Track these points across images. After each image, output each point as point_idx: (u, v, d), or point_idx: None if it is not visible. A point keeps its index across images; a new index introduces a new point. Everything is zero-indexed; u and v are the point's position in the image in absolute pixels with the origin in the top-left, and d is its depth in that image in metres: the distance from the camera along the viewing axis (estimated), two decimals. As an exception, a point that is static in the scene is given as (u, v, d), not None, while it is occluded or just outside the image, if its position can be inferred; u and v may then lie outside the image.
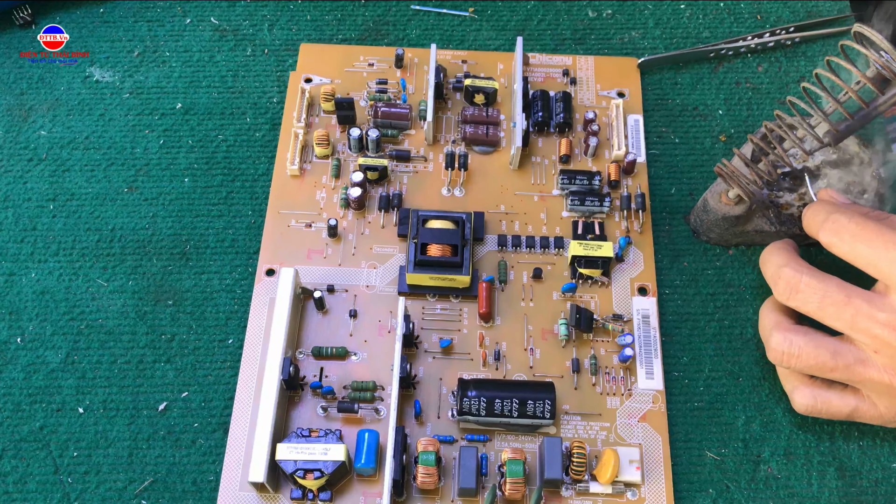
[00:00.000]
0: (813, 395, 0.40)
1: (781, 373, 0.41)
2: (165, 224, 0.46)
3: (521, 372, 0.42)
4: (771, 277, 0.40)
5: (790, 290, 0.39)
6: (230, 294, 0.45)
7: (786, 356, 0.39)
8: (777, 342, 0.39)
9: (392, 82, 0.50)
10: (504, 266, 0.45)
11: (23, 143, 0.49)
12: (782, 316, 0.40)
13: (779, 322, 0.40)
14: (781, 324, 0.40)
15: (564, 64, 0.52)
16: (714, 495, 0.40)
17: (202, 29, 0.53)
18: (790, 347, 0.39)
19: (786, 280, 0.39)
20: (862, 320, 0.37)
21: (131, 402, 0.42)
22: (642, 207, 0.46)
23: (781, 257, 0.40)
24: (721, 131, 0.50)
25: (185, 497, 0.40)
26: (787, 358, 0.39)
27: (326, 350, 0.42)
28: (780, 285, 0.39)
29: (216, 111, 0.50)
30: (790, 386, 0.41)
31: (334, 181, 0.47)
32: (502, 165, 0.48)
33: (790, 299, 0.39)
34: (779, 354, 0.39)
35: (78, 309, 0.44)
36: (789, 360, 0.39)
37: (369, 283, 0.44)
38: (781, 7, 0.55)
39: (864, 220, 0.38)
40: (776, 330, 0.39)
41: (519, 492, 0.38)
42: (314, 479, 0.37)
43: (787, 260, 0.39)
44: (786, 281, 0.39)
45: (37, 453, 0.40)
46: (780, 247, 0.41)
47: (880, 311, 0.36)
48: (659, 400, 0.42)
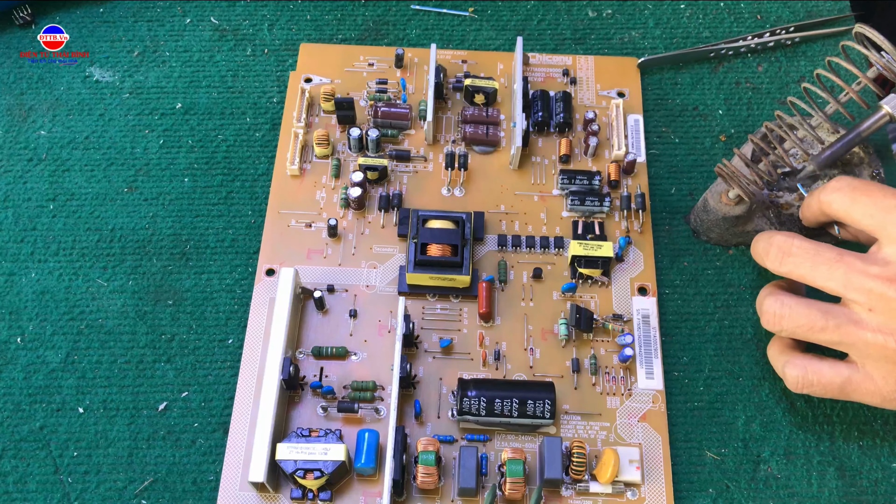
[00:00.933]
0: (804, 365, 0.39)
1: (772, 352, 0.41)
2: (165, 224, 0.46)
3: (521, 372, 0.42)
4: (763, 249, 0.40)
5: (782, 254, 0.39)
6: (230, 294, 0.45)
7: (776, 317, 0.38)
8: (769, 303, 0.39)
9: (392, 82, 0.50)
10: (504, 266, 0.45)
11: (23, 143, 0.49)
12: (777, 287, 0.40)
13: (772, 290, 0.40)
14: (774, 290, 0.40)
15: (564, 64, 0.52)
16: (714, 495, 0.40)
17: (202, 29, 0.53)
18: (781, 307, 0.38)
19: (777, 245, 0.39)
20: (855, 276, 0.36)
21: (131, 402, 0.42)
22: (642, 207, 0.46)
23: (771, 231, 0.40)
24: (721, 131, 0.50)
25: (185, 497, 0.40)
26: (777, 319, 0.38)
27: (326, 350, 0.42)
28: (773, 252, 0.39)
29: (216, 111, 0.50)
30: (781, 362, 0.40)
31: (334, 181, 0.47)
32: (502, 165, 0.48)
33: (783, 263, 0.39)
34: (770, 316, 0.39)
35: (78, 309, 0.44)
36: (780, 321, 0.38)
37: (369, 282, 0.44)
38: (781, 7, 0.55)
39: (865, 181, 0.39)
40: (769, 295, 0.39)
41: (519, 492, 0.38)
42: (314, 478, 0.37)
43: (777, 231, 0.40)
44: (777, 246, 0.39)
45: (37, 453, 0.40)
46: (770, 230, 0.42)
47: (873, 264, 0.36)
48: (659, 400, 0.42)
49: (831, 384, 0.38)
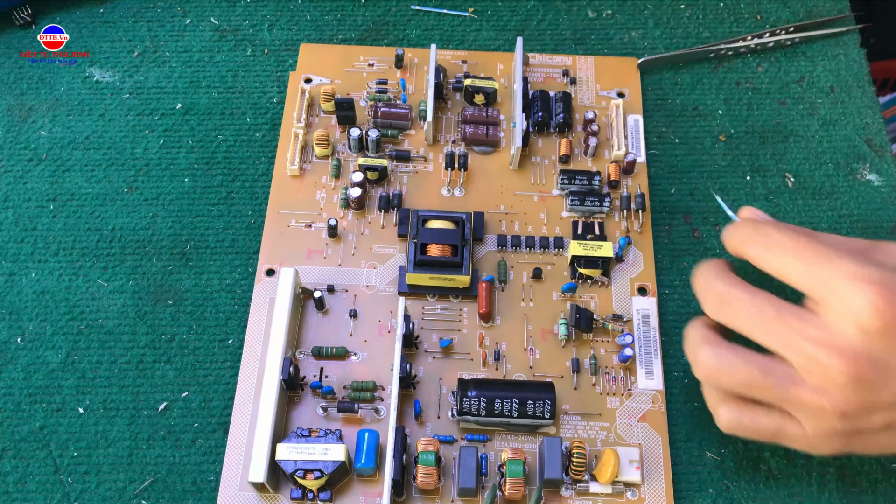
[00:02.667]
0: (740, 409, 0.37)
1: (706, 388, 0.39)
2: (165, 224, 0.46)
3: (521, 372, 0.42)
4: (700, 291, 0.38)
5: (720, 303, 0.37)
6: (230, 294, 0.45)
7: (714, 372, 0.36)
8: (706, 357, 0.37)
9: (392, 82, 0.50)
10: (504, 266, 0.45)
11: (23, 143, 0.49)
12: (711, 332, 0.38)
13: (707, 337, 0.37)
14: (710, 339, 0.37)
15: (564, 64, 0.52)
16: (714, 495, 0.40)
17: (202, 29, 0.53)
18: (720, 363, 0.36)
19: (715, 293, 0.37)
20: (794, 338, 0.34)
21: (131, 402, 0.42)
22: (642, 207, 0.46)
23: (712, 271, 0.38)
24: (721, 131, 0.50)
25: (185, 497, 0.40)
26: (716, 374, 0.36)
27: (326, 350, 0.42)
28: (710, 298, 0.37)
29: (216, 111, 0.50)
30: (714, 401, 0.38)
31: (334, 181, 0.47)
32: (502, 165, 0.48)
33: (720, 313, 0.37)
34: (707, 370, 0.37)
35: (78, 309, 0.44)
36: (718, 377, 0.36)
37: (369, 283, 0.44)
38: (781, 7, 0.55)
39: (796, 235, 0.36)
40: (705, 344, 0.37)
41: (519, 492, 0.38)
42: (314, 479, 0.38)
43: (718, 274, 0.38)
44: (715, 294, 0.37)
45: (37, 453, 0.40)
46: (713, 263, 0.39)
47: (812, 327, 0.34)
48: (659, 400, 0.42)
49: (765, 431, 0.37)
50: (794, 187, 0.48)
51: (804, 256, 0.35)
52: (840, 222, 0.47)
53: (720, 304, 0.37)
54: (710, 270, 0.38)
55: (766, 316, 0.35)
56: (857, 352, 0.33)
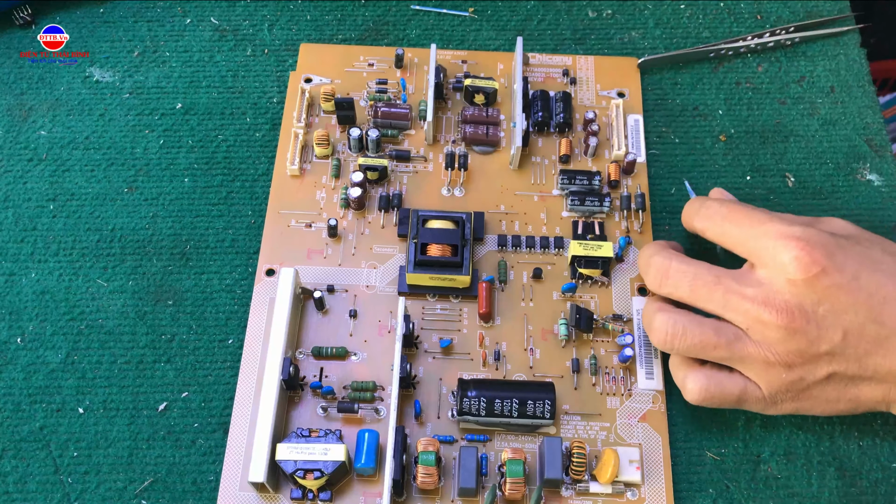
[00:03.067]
0: (706, 376, 0.39)
1: (673, 363, 0.41)
2: (165, 224, 0.46)
3: (521, 372, 0.42)
4: (642, 268, 0.41)
5: (661, 276, 0.40)
6: (230, 294, 0.45)
7: (670, 335, 0.38)
8: (661, 321, 0.39)
9: (392, 82, 0.50)
10: (504, 266, 0.45)
11: (23, 143, 0.49)
12: (663, 302, 0.41)
13: (661, 306, 0.40)
14: (664, 307, 0.40)
15: (564, 64, 0.52)
16: (714, 495, 0.40)
17: (202, 29, 0.53)
18: (674, 327, 0.38)
19: (656, 267, 0.40)
20: (732, 298, 0.37)
21: (131, 402, 0.42)
22: (642, 207, 0.46)
23: (652, 249, 0.41)
24: (721, 131, 0.50)
25: (185, 497, 0.40)
26: (671, 338, 0.39)
27: (326, 350, 0.42)
28: (651, 273, 0.40)
29: (216, 111, 0.50)
30: (682, 374, 0.40)
31: (334, 181, 0.47)
32: (502, 165, 0.48)
33: (662, 286, 0.40)
34: (663, 335, 0.39)
35: (78, 309, 0.44)
36: (673, 340, 0.38)
37: (369, 283, 0.44)
38: (781, 7, 0.55)
39: (733, 204, 0.40)
40: (659, 311, 0.39)
41: (519, 492, 0.38)
42: (314, 479, 0.38)
43: (657, 250, 0.41)
44: (656, 268, 0.40)
45: (37, 453, 0.40)
46: (654, 243, 0.42)
47: (748, 286, 0.37)
48: (659, 400, 0.42)
49: (730, 395, 0.39)
50: (794, 187, 0.48)
51: (739, 221, 0.39)
52: (840, 222, 0.47)
53: (662, 278, 0.40)
54: (650, 249, 0.41)
55: (705, 282, 0.38)
56: (788, 303, 0.36)
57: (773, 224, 0.38)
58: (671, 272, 0.39)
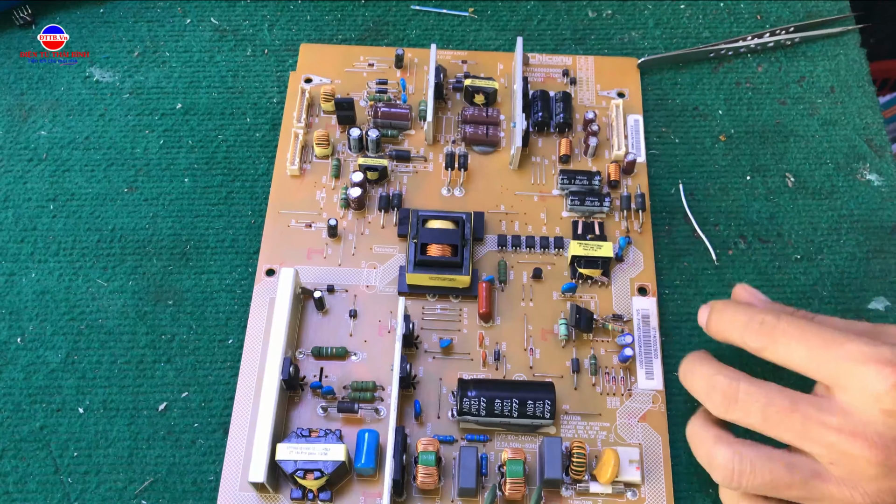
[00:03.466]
0: None
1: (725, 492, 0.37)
2: (165, 224, 0.46)
3: (521, 372, 0.42)
4: (702, 390, 0.36)
5: (728, 401, 0.35)
6: (230, 294, 0.45)
7: (736, 473, 0.34)
8: (725, 458, 0.34)
9: (392, 82, 0.50)
10: (504, 266, 0.45)
11: (23, 143, 0.49)
12: (720, 429, 0.36)
13: (720, 436, 0.35)
14: (723, 437, 0.35)
15: (564, 64, 0.52)
16: (714, 495, 0.40)
17: (202, 29, 0.53)
18: (741, 463, 0.34)
19: (722, 391, 0.35)
20: (813, 428, 0.33)
21: (131, 402, 0.42)
22: (642, 207, 0.46)
23: (709, 367, 0.36)
24: (721, 131, 0.50)
25: (185, 497, 0.40)
26: (737, 476, 0.34)
27: (326, 350, 0.42)
28: (716, 398, 0.35)
29: (216, 111, 0.50)
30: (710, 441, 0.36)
31: (334, 181, 0.47)
32: (502, 165, 0.48)
33: (729, 411, 0.35)
34: (728, 473, 0.34)
35: (78, 309, 0.44)
36: (740, 479, 0.34)
37: (369, 283, 0.44)
38: (781, 7, 0.55)
39: (796, 321, 0.35)
40: (720, 444, 0.35)
41: (519, 492, 0.38)
42: (314, 479, 0.37)
43: (717, 369, 0.36)
44: (722, 392, 0.35)
45: (37, 453, 0.40)
46: (702, 356, 0.37)
47: (831, 415, 0.33)
48: (659, 400, 0.42)
49: None
50: (794, 187, 0.48)
51: (809, 342, 0.34)
52: (840, 222, 0.47)
53: (730, 403, 0.35)
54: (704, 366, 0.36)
55: (779, 408, 0.34)
56: (883, 437, 0.32)
57: (855, 345, 0.33)
58: (740, 395, 0.34)
